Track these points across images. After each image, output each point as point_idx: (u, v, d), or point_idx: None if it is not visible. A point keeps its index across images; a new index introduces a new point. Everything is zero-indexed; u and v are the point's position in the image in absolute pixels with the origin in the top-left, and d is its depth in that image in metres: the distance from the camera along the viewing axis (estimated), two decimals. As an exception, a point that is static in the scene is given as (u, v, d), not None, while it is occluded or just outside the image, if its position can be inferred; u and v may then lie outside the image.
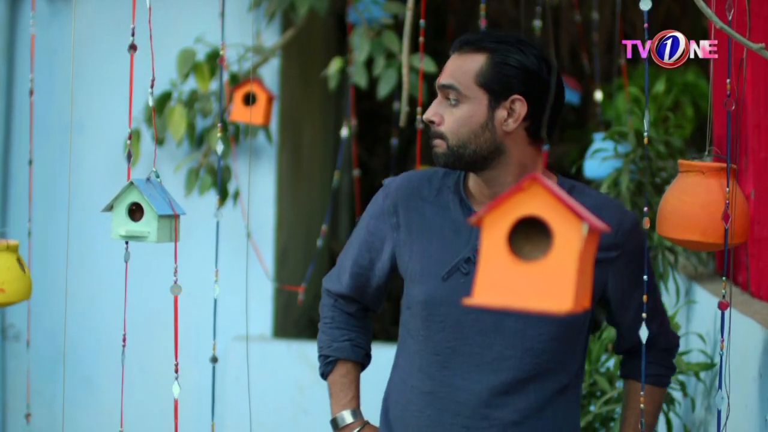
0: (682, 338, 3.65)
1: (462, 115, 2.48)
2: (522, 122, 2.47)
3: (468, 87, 2.48)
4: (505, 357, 2.51)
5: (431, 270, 2.56)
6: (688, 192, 2.56)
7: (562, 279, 1.41)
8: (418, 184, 2.66)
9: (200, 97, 5.13)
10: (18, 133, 5.54)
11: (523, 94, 2.45)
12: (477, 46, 2.50)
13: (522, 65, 2.46)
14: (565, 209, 1.42)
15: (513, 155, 2.49)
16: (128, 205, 2.47)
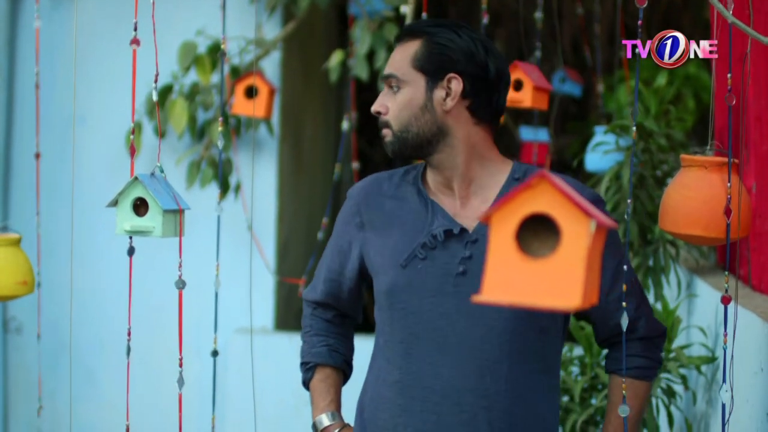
0: (683, 332, 3.65)
1: (402, 99, 2.52)
2: (461, 101, 2.50)
3: (405, 72, 2.52)
4: (468, 338, 2.52)
5: (391, 260, 2.59)
6: (691, 187, 2.56)
7: (571, 276, 1.41)
8: (378, 182, 2.69)
9: (201, 89, 5.13)
10: (20, 126, 5.54)
11: (458, 72, 2.49)
12: (414, 33, 2.54)
13: (455, 44, 2.49)
14: (573, 206, 1.43)
15: (457, 136, 2.52)
16: (133, 200, 2.48)
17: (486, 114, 2.53)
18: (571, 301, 1.41)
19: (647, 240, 3.87)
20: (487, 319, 2.50)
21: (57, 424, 5.56)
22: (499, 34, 6.90)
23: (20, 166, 5.53)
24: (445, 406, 2.54)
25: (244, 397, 5.14)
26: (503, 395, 2.51)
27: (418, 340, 2.56)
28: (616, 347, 2.63)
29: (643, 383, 2.63)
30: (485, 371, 2.51)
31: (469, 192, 2.57)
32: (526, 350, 2.52)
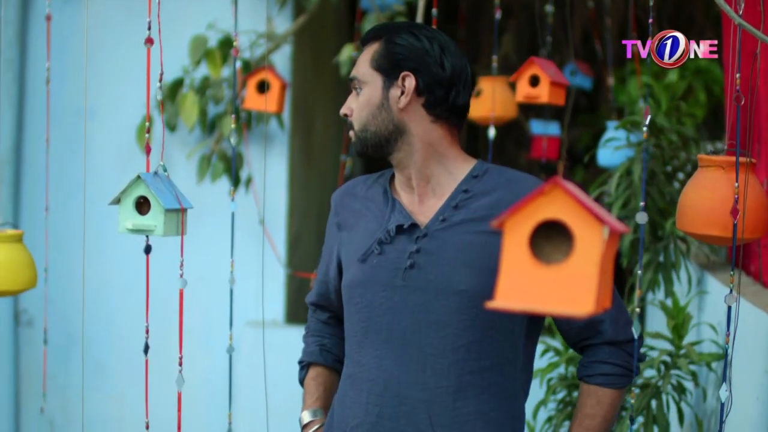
0: (694, 328, 3.65)
1: (362, 99, 2.58)
2: (416, 98, 2.54)
3: (365, 73, 2.58)
4: (411, 331, 2.54)
5: (353, 256, 2.64)
6: (708, 187, 2.56)
7: (584, 282, 1.42)
8: (353, 185, 2.77)
9: (212, 83, 5.14)
10: (31, 119, 5.55)
11: (412, 70, 2.53)
12: (375, 36, 2.60)
13: (409, 43, 2.54)
14: (586, 212, 1.43)
15: (414, 134, 2.56)
16: (135, 199, 2.49)
17: (443, 111, 2.56)
18: (584, 307, 1.41)
19: (658, 236, 3.87)
20: (431, 313, 2.52)
21: (67, 416, 5.58)
22: (510, 26, 6.89)
23: (31, 159, 5.54)
24: (387, 398, 2.56)
25: (255, 390, 5.15)
26: (444, 390, 2.51)
27: (368, 333, 2.59)
28: (585, 351, 2.62)
29: (609, 391, 2.57)
30: (426, 365, 2.52)
31: (427, 189, 2.60)
32: (473, 347, 2.52)
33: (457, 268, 2.52)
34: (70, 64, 5.44)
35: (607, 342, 2.57)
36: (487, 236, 2.51)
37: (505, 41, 6.85)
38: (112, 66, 5.43)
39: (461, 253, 2.52)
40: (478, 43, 7.05)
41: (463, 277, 2.51)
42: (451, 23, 6.61)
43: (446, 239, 2.54)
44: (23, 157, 5.55)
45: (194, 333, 5.36)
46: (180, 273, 2.57)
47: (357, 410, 2.60)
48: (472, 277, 2.51)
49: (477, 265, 2.51)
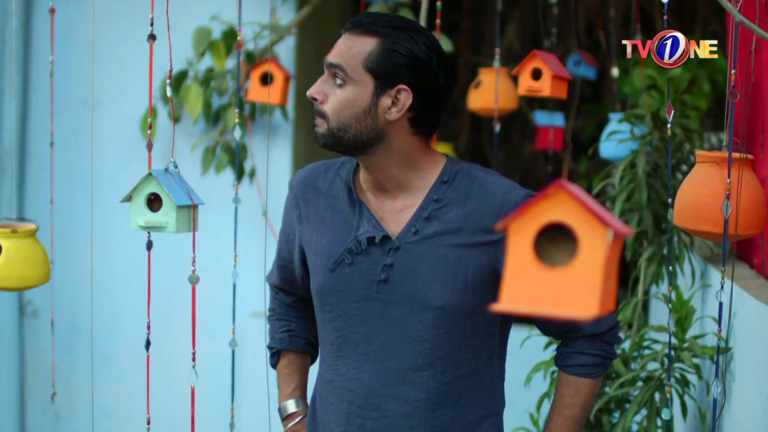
0: (697, 322, 3.65)
1: (346, 97, 2.46)
2: (405, 113, 2.46)
3: (355, 69, 2.46)
4: (388, 345, 2.53)
5: (322, 261, 2.60)
6: (702, 183, 2.57)
7: (588, 285, 1.42)
8: (315, 175, 2.70)
9: (216, 75, 5.14)
10: (35, 110, 5.55)
11: (409, 85, 2.44)
12: (369, 29, 2.47)
13: (412, 54, 2.44)
14: (590, 215, 1.44)
15: (393, 144, 2.49)
16: (147, 196, 2.49)
17: (425, 127, 2.51)
18: (588, 309, 1.42)
19: (661, 229, 3.87)
20: (408, 328, 2.51)
21: (73, 407, 5.60)
22: (514, 17, 6.88)
23: (36, 151, 5.55)
24: (367, 410, 2.57)
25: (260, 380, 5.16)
26: (424, 403, 2.52)
27: (345, 343, 2.59)
28: (564, 341, 2.65)
29: (587, 380, 2.62)
30: (405, 379, 2.53)
31: (398, 194, 2.56)
32: (451, 358, 2.52)
33: (432, 283, 2.49)
34: (75, 56, 5.44)
35: (585, 334, 2.60)
36: (462, 249, 2.48)
37: (508, 32, 6.84)
38: (116, 58, 5.43)
39: (435, 268, 2.49)
40: (482, 34, 7.04)
41: (438, 293, 2.49)
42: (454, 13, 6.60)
43: (419, 253, 2.50)
44: (28, 149, 5.56)
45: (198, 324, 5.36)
46: (192, 269, 2.57)
47: (339, 418, 2.61)
48: (447, 291, 2.48)
49: (451, 280, 2.48)
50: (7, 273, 2.93)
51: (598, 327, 2.58)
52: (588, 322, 2.46)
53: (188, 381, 2.67)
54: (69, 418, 5.63)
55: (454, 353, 2.51)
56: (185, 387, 4.02)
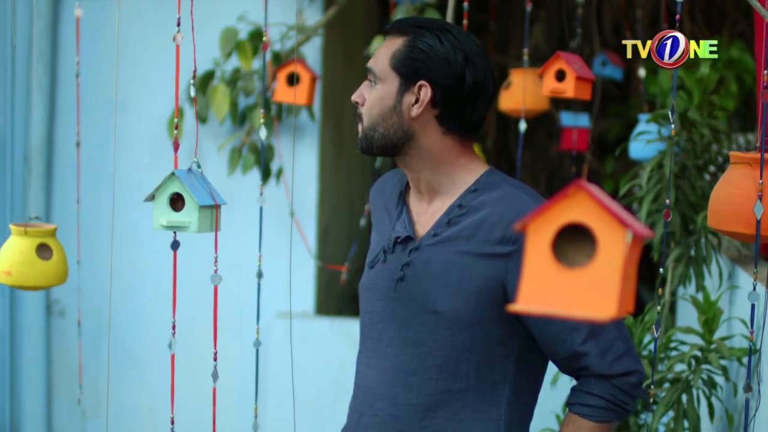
0: (725, 323, 3.63)
1: (375, 96, 2.49)
2: (430, 109, 2.46)
3: (383, 69, 2.49)
4: (392, 344, 2.53)
5: (368, 260, 2.65)
6: (734, 184, 2.55)
7: (607, 286, 1.41)
8: (385, 180, 2.74)
9: (243, 75, 5.14)
10: (62, 110, 5.57)
11: (429, 80, 2.44)
12: (400, 30, 2.50)
13: (432, 50, 2.44)
14: (610, 216, 1.43)
15: (422, 143, 2.49)
16: (170, 195, 2.49)
17: (455, 126, 2.49)
18: (606, 311, 1.41)
19: (689, 230, 3.85)
20: (409, 329, 2.50)
21: (99, 406, 5.61)
22: (540, 17, 6.87)
23: (63, 152, 5.57)
24: (365, 406, 2.58)
25: (284, 380, 5.17)
26: (413, 408, 2.49)
27: (365, 339, 2.62)
28: (577, 379, 2.54)
29: (588, 423, 2.48)
30: (399, 380, 2.51)
31: (433, 198, 2.55)
32: (447, 367, 2.47)
33: (436, 287, 2.47)
34: (102, 57, 5.46)
35: (594, 374, 2.47)
36: (470, 257, 2.45)
37: (535, 32, 6.83)
38: (143, 58, 5.44)
39: (442, 272, 2.47)
40: (509, 35, 7.03)
41: (439, 297, 2.47)
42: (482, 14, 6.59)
43: (433, 256, 2.49)
44: (55, 149, 5.58)
45: (224, 325, 5.37)
46: (214, 269, 2.57)
47: (353, 411, 2.65)
48: (448, 298, 2.46)
49: (454, 286, 2.45)
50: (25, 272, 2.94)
51: (608, 368, 2.45)
52: (597, 360, 2.43)
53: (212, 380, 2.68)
54: (95, 417, 5.65)
55: (451, 364, 2.47)
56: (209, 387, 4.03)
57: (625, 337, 2.47)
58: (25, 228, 2.93)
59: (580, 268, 1.44)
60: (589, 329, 2.42)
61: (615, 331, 2.45)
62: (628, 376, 2.46)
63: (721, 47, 5.84)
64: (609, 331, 2.43)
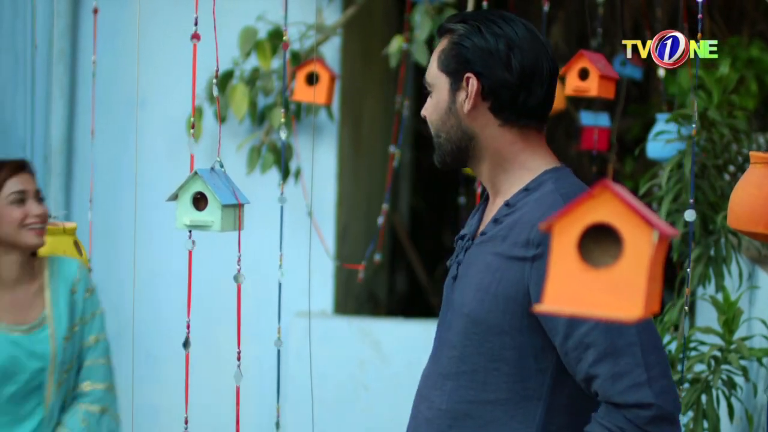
0: (744, 323, 3.62)
1: (432, 102, 2.45)
2: (482, 102, 2.38)
3: (433, 75, 2.44)
4: (437, 347, 2.50)
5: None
6: (755, 184, 2.54)
7: (633, 286, 1.41)
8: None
9: (262, 75, 5.16)
10: (82, 109, 5.59)
11: (475, 72, 2.37)
12: (444, 31, 2.45)
13: (473, 43, 2.37)
14: (636, 216, 1.43)
15: (482, 142, 2.41)
16: (193, 195, 2.50)
17: (512, 115, 2.39)
18: (632, 311, 1.40)
19: (708, 230, 3.84)
20: (449, 331, 2.45)
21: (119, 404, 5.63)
22: (559, 17, 6.86)
23: (82, 150, 5.58)
24: (414, 406, 2.54)
25: (304, 380, 5.18)
26: (443, 414, 2.42)
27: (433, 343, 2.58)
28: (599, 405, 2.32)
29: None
30: (437, 384, 2.46)
31: (495, 197, 2.48)
32: (476, 377, 2.38)
33: (471, 289, 2.40)
34: (121, 56, 5.47)
35: (606, 400, 2.24)
36: (501, 259, 2.35)
37: (554, 32, 6.82)
38: (161, 57, 5.46)
39: (478, 274, 2.39)
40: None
41: (470, 300, 2.39)
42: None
43: (476, 256, 2.42)
44: (75, 148, 5.59)
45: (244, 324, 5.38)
46: (237, 268, 2.57)
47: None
48: (476, 300, 2.38)
49: (484, 289, 2.37)
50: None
51: (618, 396, 2.22)
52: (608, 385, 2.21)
53: (232, 380, 2.67)
54: (114, 416, 5.66)
55: (480, 373, 2.38)
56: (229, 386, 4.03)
57: (652, 364, 2.21)
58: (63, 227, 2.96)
59: (605, 269, 1.44)
60: (604, 349, 2.22)
61: (639, 355, 2.21)
62: (642, 409, 2.20)
63: (740, 47, 5.83)
64: (629, 355, 2.21)
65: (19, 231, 3.08)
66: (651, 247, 1.41)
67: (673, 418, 2.21)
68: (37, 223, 3.10)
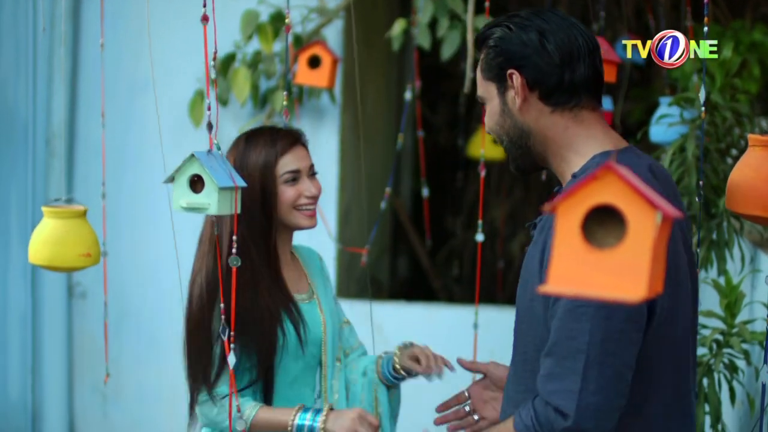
0: (746, 307, 3.63)
1: (488, 112, 2.49)
2: (530, 93, 2.41)
3: (482, 87, 2.50)
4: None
5: None
6: (753, 166, 2.54)
7: (636, 267, 1.41)
8: None
9: (264, 58, 5.15)
10: (84, 93, 5.58)
11: (515, 67, 2.40)
12: (479, 43, 2.51)
13: (504, 41, 2.42)
14: (640, 198, 1.43)
15: (538, 133, 2.43)
16: (189, 177, 2.50)
17: (561, 97, 2.40)
18: (636, 292, 1.41)
19: (711, 214, 3.84)
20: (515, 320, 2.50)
21: (121, 387, 5.64)
22: (562, 1, 6.85)
23: (85, 134, 5.58)
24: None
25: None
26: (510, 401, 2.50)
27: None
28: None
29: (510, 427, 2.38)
30: (509, 371, 2.55)
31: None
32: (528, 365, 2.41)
33: (520, 281, 2.44)
34: (123, 39, 5.47)
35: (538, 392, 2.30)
36: (538, 252, 2.35)
37: (557, 13, 6.80)
38: (163, 40, 5.45)
39: (526, 263, 2.42)
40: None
41: (519, 292, 2.45)
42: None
43: (531, 246, 2.43)
44: (77, 131, 5.59)
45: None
46: (233, 252, 2.58)
47: None
48: (521, 292, 2.43)
49: (524, 279, 2.41)
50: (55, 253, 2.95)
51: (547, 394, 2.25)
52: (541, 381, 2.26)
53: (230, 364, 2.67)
54: (116, 399, 5.67)
55: (530, 362, 2.39)
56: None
57: (590, 379, 2.18)
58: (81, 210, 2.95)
59: (610, 250, 1.44)
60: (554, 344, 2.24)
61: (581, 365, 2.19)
62: (559, 416, 2.22)
63: (743, 31, 5.82)
64: (572, 360, 2.20)
65: (291, 212, 3.03)
66: (655, 228, 1.41)
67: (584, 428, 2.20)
68: (309, 204, 3.05)
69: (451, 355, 3.17)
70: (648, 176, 2.33)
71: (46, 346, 5.58)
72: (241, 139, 3.05)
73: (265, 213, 2.99)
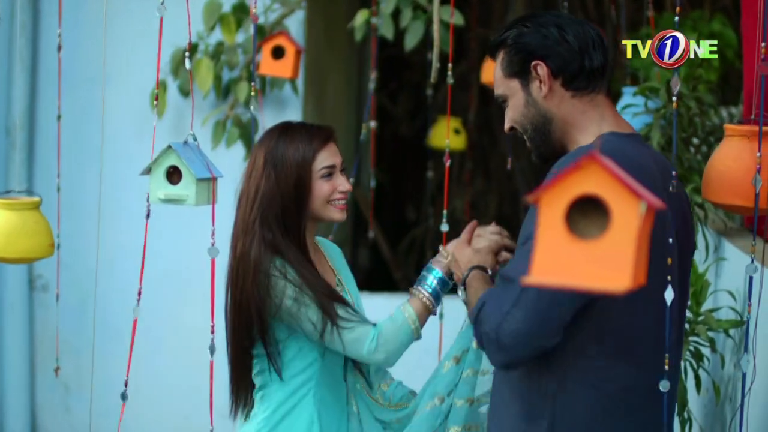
0: (711, 296, 3.65)
1: (510, 108, 2.61)
2: (554, 81, 2.53)
3: (503, 86, 2.61)
4: None
5: None
6: (732, 156, 2.56)
7: (620, 257, 1.42)
8: None
9: (226, 49, 5.12)
10: (44, 85, 5.54)
11: (539, 57, 2.53)
12: (496, 47, 2.62)
13: (526, 36, 2.55)
14: (623, 188, 1.43)
15: (559, 118, 2.55)
16: (166, 169, 2.48)
17: (582, 81, 2.53)
18: (620, 283, 1.41)
19: (675, 202, 3.86)
20: None
21: (81, 379, 5.61)
22: (522, -10, 6.86)
23: (45, 126, 5.54)
24: None
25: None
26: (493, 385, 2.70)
27: None
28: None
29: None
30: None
31: None
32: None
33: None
34: (83, 30, 5.43)
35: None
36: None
37: (517, 5, 6.81)
38: (125, 31, 5.41)
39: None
40: (491, 7, 7.02)
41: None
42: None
43: None
44: (37, 123, 5.55)
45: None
46: (212, 242, 2.58)
47: None
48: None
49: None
50: (7, 245, 2.93)
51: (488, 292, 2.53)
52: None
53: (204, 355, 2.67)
54: (78, 391, 5.64)
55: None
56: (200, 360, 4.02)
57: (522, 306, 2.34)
58: (33, 201, 2.93)
59: (593, 240, 1.44)
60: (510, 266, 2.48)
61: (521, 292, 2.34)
62: (478, 325, 2.46)
63: (702, 21, 5.85)
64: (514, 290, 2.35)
65: (326, 206, 3.07)
66: (639, 219, 1.42)
67: (500, 343, 2.37)
68: (342, 198, 3.10)
69: (416, 346, 3.18)
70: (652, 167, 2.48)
71: (7, 339, 5.54)
72: (274, 133, 3.08)
73: (297, 206, 3.03)
